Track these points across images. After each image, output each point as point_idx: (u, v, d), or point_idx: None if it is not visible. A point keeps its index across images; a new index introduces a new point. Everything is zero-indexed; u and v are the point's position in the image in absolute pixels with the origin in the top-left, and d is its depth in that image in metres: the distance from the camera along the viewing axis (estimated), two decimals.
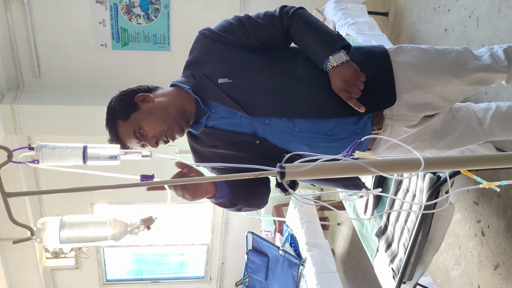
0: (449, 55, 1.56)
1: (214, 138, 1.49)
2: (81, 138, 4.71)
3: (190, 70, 1.51)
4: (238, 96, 1.41)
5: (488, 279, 2.60)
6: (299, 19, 1.45)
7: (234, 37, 1.47)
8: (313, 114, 1.42)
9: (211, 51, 1.47)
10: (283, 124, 1.43)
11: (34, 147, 0.85)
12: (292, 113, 1.41)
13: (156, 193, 1.19)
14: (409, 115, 1.51)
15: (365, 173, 0.91)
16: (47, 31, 4.37)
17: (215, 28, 1.50)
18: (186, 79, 1.49)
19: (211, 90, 1.43)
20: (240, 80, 1.42)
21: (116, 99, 1.47)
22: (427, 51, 1.56)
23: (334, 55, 1.37)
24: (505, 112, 1.84)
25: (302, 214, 4.49)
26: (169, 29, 4.52)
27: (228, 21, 1.51)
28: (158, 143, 1.44)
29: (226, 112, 1.44)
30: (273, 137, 1.46)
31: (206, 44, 1.48)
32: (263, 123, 1.43)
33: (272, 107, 1.41)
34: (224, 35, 1.47)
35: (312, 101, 1.42)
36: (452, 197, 2.83)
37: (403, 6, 3.79)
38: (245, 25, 1.47)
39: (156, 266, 6.55)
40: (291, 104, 1.41)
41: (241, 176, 0.99)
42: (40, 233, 0.85)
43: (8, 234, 5.20)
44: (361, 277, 4.67)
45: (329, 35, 1.42)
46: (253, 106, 1.41)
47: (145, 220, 0.92)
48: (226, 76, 1.42)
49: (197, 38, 1.51)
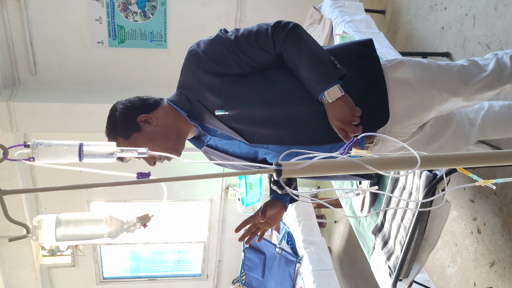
0: (451, 70, 1.53)
1: (216, 156, 1.54)
2: (77, 136, 4.70)
3: (184, 92, 1.44)
4: (237, 126, 1.41)
5: (484, 276, 2.61)
6: (293, 44, 1.36)
7: (226, 67, 1.39)
8: (310, 141, 1.43)
9: (203, 82, 1.40)
10: (280, 149, 1.45)
11: (29, 144, 0.85)
12: (290, 141, 1.42)
13: (152, 190, 1.20)
14: (401, 132, 1.51)
15: (362, 171, 0.91)
16: (43, 28, 4.35)
17: (204, 52, 1.39)
18: (181, 101, 1.45)
19: (209, 118, 1.42)
20: (237, 111, 1.39)
21: (119, 114, 1.43)
22: (428, 67, 1.51)
23: (329, 90, 1.32)
24: (497, 112, 1.84)
25: (298, 212, 4.49)
26: (166, 26, 4.51)
27: (218, 46, 1.39)
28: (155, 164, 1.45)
29: (225, 136, 1.46)
30: (272, 159, 1.49)
31: (197, 72, 1.40)
32: (262, 147, 1.46)
33: (270, 136, 1.42)
34: (215, 66, 1.38)
35: (309, 130, 1.42)
36: (448, 194, 2.84)
37: (400, 4, 3.80)
38: (236, 53, 1.38)
39: (153, 264, 6.55)
40: (288, 133, 1.42)
41: (239, 174, 0.99)
42: (36, 230, 0.85)
43: (4, 232, 5.18)
44: (358, 275, 4.68)
45: (324, 65, 1.34)
46: (252, 135, 1.42)
47: (141, 218, 0.92)
48: (222, 108, 1.38)
49: (187, 61, 1.42)
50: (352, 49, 1.52)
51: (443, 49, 3.11)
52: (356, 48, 1.52)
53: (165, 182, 0.89)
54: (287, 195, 1.55)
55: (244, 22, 4.60)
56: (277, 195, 1.55)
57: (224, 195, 5.81)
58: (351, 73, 1.41)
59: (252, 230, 1.52)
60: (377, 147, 1.54)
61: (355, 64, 1.46)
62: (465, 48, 2.87)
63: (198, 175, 0.90)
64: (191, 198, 5.82)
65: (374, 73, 1.46)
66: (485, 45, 2.67)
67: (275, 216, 1.53)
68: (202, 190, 5.78)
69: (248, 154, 1.50)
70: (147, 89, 4.73)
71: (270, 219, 1.52)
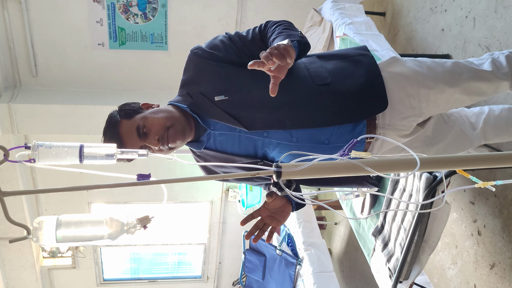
0: (445, 64, 1.57)
1: (215, 160, 1.52)
2: (78, 137, 4.71)
3: (186, 89, 1.51)
4: (236, 112, 1.43)
5: (484, 279, 2.61)
6: (275, 24, 1.46)
7: (225, 54, 1.48)
8: (310, 123, 1.43)
9: (205, 70, 1.48)
10: (281, 136, 1.44)
11: (30, 146, 0.85)
12: (289, 124, 1.43)
13: (152, 192, 1.21)
14: (401, 125, 1.52)
15: (361, 173, 0.91)
16: (44, 30, 4.36)
17: (206, 46, 1.50)
18: (182, 98, 1.50)
19: (209, 108, 1.44)
20: (236, 96, 1.43)
21: (120, 106, 1.48)
22: (422, 62, 1.56)
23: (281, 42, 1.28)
24: (498, 115, 1.85)
25: (299, 214, 4.49)
26: (167, 28, 4.51)
27: (219, 39, 1.52)
28: (160, 142, 1.40)
29: (225, 128, 1.46)
30: (272, 151, 1.48)
31: (200, 63, 1.49)
32: (262, 136, 1.45)
33: (269, 120, 1.43)
34: (216, 53, 1.48)
35: (308, 111, 1.43)
36: (448, 196, 2.84)
37: (400, 6, 3.80)
38: (235, 42, 1.49)
39: (153, 266, 6.55)
40: (288, 115, 1.43)
41: (238, 175, 0.99)
42: (37, 232, 0.85)
43: (5, 233, 5.18)
44: (358, 277, 4.68)
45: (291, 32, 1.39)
46: (251, 121, 1.43)
47: (141, 219, 0.92)
48: (222, 93, 1.43)
49: (190, 58, 1.52)
50: (349, 50, 1.63)
51: (443, 51, 3.12)
52: (352, 50, 1.63)
53: (165, 183, 0.89)
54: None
55: (245, 24, 4.61)
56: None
57: (224, 196, 5.81)
58: (349, 66, 1.51)
59: (260, 225, 1.43)
60: (378, 143, 1.54)
61: (353, 59, 1.55)
62: (465, 50, 2.87)
63: (198, 176, 0.91)
64: (191, 200, 5.82)
65: (369, 66, 1.52)
66: (485, 47, 2.67)
67: (282, 211, 1.44)
68: (203, 192, 5.78)
69: (247, 151, 1.49)
70: (147, 91, 4.74)
71: (277, 214, 1.43)
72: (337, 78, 1.47)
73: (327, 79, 1.46)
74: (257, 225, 1.45)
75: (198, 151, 1.53)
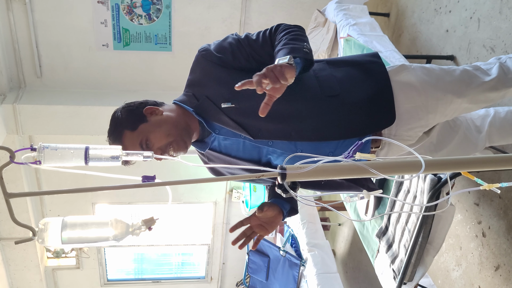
0: (453, 73, 1.54)
1: (219, 161, 1.52)
2: (82, 138, 4.73)
3: (192, 90, 1.49)
4: (242, 120, 1.41)
5: (488, 280, 2.60)
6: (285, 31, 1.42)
7: (234, 59, 1.44)
8: (316, 137, 1.42)
9: (212, 75, 1.45)
10: (285, 146, 1.44)
11: (36, 148, 0.85)
12: (295, 136, 1.42)
13: (157, 192, 1.21)
14: (407, 135, 1.51)
15: (366, 175, 0.91)
16: (48, 31, 4.38)
17: (214, 49, 1.46)
18: (188, 99, 1.48)
19: (214, 113, 1.43)
20: (243, 104, 1.40)
21: (123, 110, 1.45)
22: (431, 70, 1.53)
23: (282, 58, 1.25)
24: (503, 117, 1.84)
25: (303, 215, 4.49)
26: (171, 29, 4.52)
27: (228, 41, 1.48)
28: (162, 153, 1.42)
29: (229, 133, 1.45)
30: (276, 159, 1.47)
31: (207, 67, 1.46)
32: (267, 145, 1.44)
33: (276, 131, 1.42)
34: (224, 57, 1.44)
35: (314, 124, 1.42)
36: (453, 198, 2.83)
37: (404, 7, 3.79)
38: (245, 47, 1.45)
39: (157, 266, 6.56)
40: (294, 127, 1.41)
41: (242, 177, 0.99)
42: (42, 233, 0.86)
43: (9, 233, 5.21)
44: (362, 278, 4.67)
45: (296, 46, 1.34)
46: (257, 130, 1.42)
47: (146, 221, 0.93)
48: (229, 100, 1.40)
49: (197, 59, 1.49)
50: (361, 57, 1.61)
51: (448, 52, 3.11)
52: (364, 56, 1.60)
53: (170, 185, 0.89)
54: (287, 203, 1.52)
55: (249, 25, 4.61)
56: (276, 201, 1.52)
57: (228, 197, 5.81)
58: (360, 74, 1.48)
59: (248, 233, 1.46)
60: (384, 152, 1.54)
61: (363, 67, 1.51)
62: (469, 51, 2.87)
63: (202, 178, 0.91)
64: (195, 201, 5.82)
65: (380, 74, 1.49)
66: (489, 48, 2.66)
67: (272, 221, 1.46)
68: (206, 193, 5.78)
69: (251, 156, 1.48)
70: (151, 92, 4.75)
71: (267, 223, 1.46)
72: (346, 88, 1.45)
73: (336, 90, 1.44)
74: (245, 233, 1.47)
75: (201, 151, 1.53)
